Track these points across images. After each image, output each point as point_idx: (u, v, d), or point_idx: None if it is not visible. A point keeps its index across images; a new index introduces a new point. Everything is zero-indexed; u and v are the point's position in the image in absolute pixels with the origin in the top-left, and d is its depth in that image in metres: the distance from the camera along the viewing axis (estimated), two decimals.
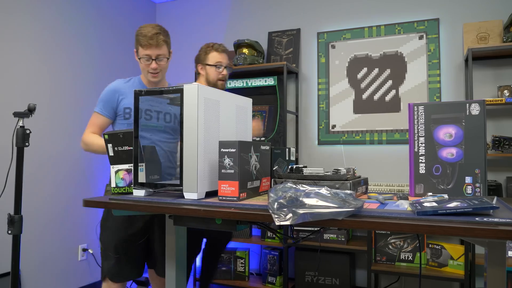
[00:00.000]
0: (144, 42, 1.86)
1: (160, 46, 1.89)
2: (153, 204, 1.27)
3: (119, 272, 1.89)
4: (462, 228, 0.88)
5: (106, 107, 1.93)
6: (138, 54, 1.92)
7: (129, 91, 1.95)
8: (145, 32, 1.87)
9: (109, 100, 1.93)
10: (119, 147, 1.50)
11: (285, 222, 0.98)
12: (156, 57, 1.89)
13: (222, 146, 1.26)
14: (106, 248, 1.89)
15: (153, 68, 1.90)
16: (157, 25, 1.94)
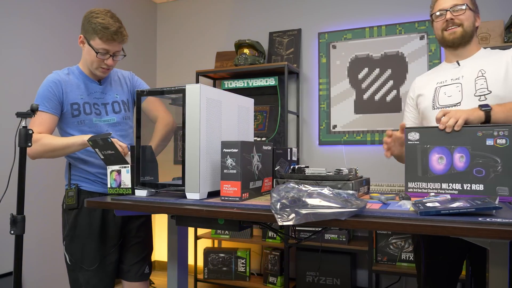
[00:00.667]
0: (107, 36, 1.62)
1: (123, 43, 1.70)
2: (155, 204, 1.27)
3: (100, 283, 1.72)
4: (465, 228, 0.88)
5: (50, 103, 1.66)
6: (91, 45, 1.65)
7: (71, 84, 1.71)
8: (106, 24, 1.63)
9: (52, 94, 1.67)
10: (104, 151, 1.50)
11: (288, 222, 0.99)
12: (114, 53, 1.69)
13: (224, 146, 1.26)
14: (78, 260, 1.70)
15: (109, 65, 1.69)
16: (113, 14, 1.72)
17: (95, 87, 1.76)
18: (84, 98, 1.72)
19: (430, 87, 1.65)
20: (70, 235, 1.72)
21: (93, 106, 1.73)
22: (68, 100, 1.70)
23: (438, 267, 1.57)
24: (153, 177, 1.50)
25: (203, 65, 3.75)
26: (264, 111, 3.43)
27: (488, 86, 1.50)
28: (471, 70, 1.56)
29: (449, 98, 1.57)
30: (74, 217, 1.72)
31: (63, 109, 1.70)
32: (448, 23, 1.57)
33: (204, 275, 3.30)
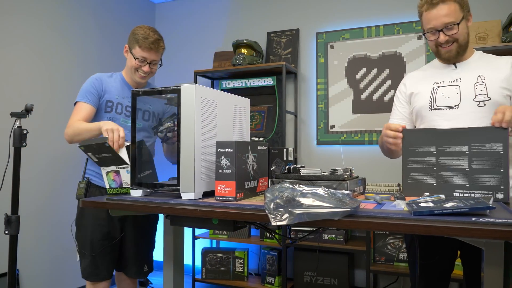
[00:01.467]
0: (146, 44, 1.85)
1: (158, 52, 1.91)
2: (149, 204, 1.27)
3: (95, 271, 1.87)
4: (458, 228, 0.88)
5: (91, 96, 1.87)
6: (132, 53, 1.89)
7: (111, 85, 1.93)
8: (146, 35, 1.86)
9: (94, 89, 1.88)
10: (98, 154, 1.50)
11: (281, 222, 0.98)
12: (151, 61, 1.90)
13: (219, 146, 1.26)
14: (81, 247, 1.88)
15: (145, 71, 1.90)
16: (154, 29, 1.94)
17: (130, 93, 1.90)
18: (119, 99, 1.93)
19: (426, 86, 1.63)
20: (78, 224, 1.90)
21: (125, 108, 1.94)
22: (105, 97, 1.90)
23: (431, 268, 1.57)
24: (151, 170, 1.50)
25: (201, 65, 3.74)
26: (262, 111, 3.43)
27: (487, 92, 1.50)
28: (469, 74, 1.56)
29: (447, 99, 1.56)
30: (81, 208, 1.87)
31: (100, 104, 1.90)
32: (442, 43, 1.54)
33: (202, 275, 3.30)
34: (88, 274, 1.87)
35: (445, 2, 1.49)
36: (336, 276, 2.89)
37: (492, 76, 1.52)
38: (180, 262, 1.63)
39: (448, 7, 1.49)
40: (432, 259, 1.55)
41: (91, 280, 1.88)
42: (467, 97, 1.52)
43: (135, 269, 1.98)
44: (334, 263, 2.90)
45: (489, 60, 1.59)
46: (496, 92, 1.50)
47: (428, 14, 1.53)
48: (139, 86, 1.99)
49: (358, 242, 2.96)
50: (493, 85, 1.50)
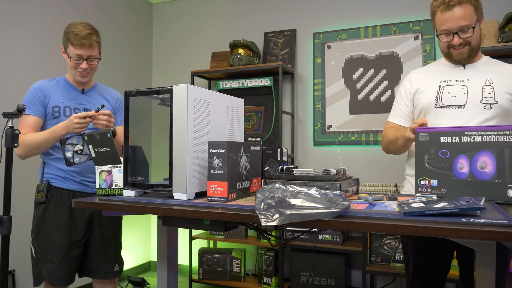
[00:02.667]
0: (76, 41, 1.81)
1: (92, 47, 1.85)
2: (141, 204, 1.26)
3: (62, 275, 1.82)
4: (447, 229, 0.88)
5: (35, 107, 1.86)
6: (67, 53, 1.86)
7: (55, 90, 1.91)
8: (76, 31, 1.81)
9: (37, 98, 1.86)
10: (98, 149, 1.49)
11: (271, 223, 0.98)
12: (88, 58, 1.86)
13: (211, 147, 1.25)
14: (44, 252, 1.82)
15: (83, 68, 1.86)
16: (88, 24, 1.89)
17: (77, 94, 1.97)
18: (65, 102, 1.91)
19: (433, 84, 1.62)
20: (37, 228, 1.86)
21: (73, 110, 1.92)
22: (50, 104, 1.88)
23: (426, 268, 1.57)
24: (144, 177, 1.50)
25: (198, 66, 3.74)
26: (259, 111, 3.43)
27: (495, 96, 1.51)
28: (478, 76, 1.56)
29: (453, 98, 1.55)
30: (42, 211, 1.86)
31: (46, 112, 1.88)
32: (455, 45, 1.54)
33: (199, 275, 3.30)
34: (56, 279, 1.82)
35: (461, 5, 1.48)
36: (333, 276, 2.88)
37: (500, 81, 1.53)
38: (174, 262, 1.63)
39: (464, 9, 1.48)
40: (428, 259, 1.55)
41: (58, 285, 1.83)
42: (474, 98, 1.52)
43: (105, 269, 1.94)
44: (331, 263, 2.89)
45: (497, 66, 1.60)
46: (503, 97, 1.51)
47: (443, 15, 1.51)
48: (84, 85, 1.97)
49: (354, 242, 2.96)
50: (500, 90, 1.51)
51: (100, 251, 1.93)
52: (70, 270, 1.86)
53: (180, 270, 3.77)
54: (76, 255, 1.87)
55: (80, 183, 1.92)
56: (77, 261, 1.89)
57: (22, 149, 1.79)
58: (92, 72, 1.93)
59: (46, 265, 1.82)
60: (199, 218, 1.20)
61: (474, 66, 1.59)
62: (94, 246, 1.92)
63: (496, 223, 0.89)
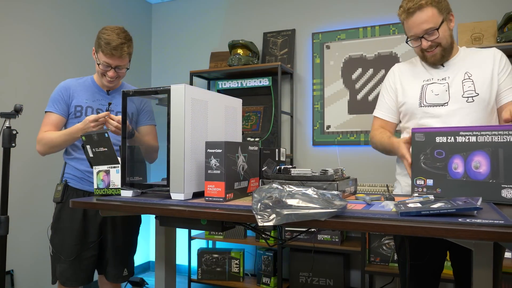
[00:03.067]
0: (107, 50, 1.78)
1: (123, 58, 1.83)
2: (138, 205, 1.26)
3: (73, 276, 1.82)
4: (444, 229, 0.88)
5: (59, 105, 1.86)
6: (97, 57, 1.85)
7: (80, 89, 1.91)
8: (109, 40, 1.77)
9: (61, 97, 1.87)
10: (96, 149, 1.49)
11: (268, 223, 0.98)
12: (116, 66, 1.83)
13: (208, 147, 1.25)
14: (58, 251, 1.83)
15: (111, 76, 1.85)
16: (122, 30, 1.85)
17: (101, 95, 1.95)
18: (88, 102, 1.90)
19: (416, 83, 1.63)
20: (54, 227, 1.87)
21: (95, 110, 1.90)
22: (73, 103, 1.89)
23: (421, 269, 1.57)
24: (142, 177, 1.50)
25: (198, 66, 3.74)
26: (258, 111, 3.43)
27: (475, 88, 1.53)
28: (457, 71, 1.57)
29: (436, 96, 1.57)
30: (58, 211, 1.87)
31: (69, 111, 1.89)
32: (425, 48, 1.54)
33: (198, 275, 3.29)
34: (66, 280, 1.82)
35: (422, 9, 1.49)
36: (332, 276, 2.88)
37: (478, 72, 1.54)
38: (172, 262, 1.62)
39: (425, 13, 1.49)
40: (422, 259, 1.55)
41: (69, 285, 1.83)
42: (456, 94, 1.54)
43: (114, 272, 1.92)
44: (330, 263, 2.89)
45: (474, 55, 1.60)
46: (483, 87, 1.52)
47: (407, 23, 1.54)
48: (110, 88, 1.95)
49: (353, 242, 2.95)
50: (479, 81, 1.53)
51: (111, 254, 1.91)
52: (82, 271, 1.84)
53: (179, 270, 3.77)
54: (88, 257, 1.86)
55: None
56: (90, 262, 1.87)
57: (42, 147, 1.82)
58: (119, 79, 1.91)
59: (60, 265, 1.83)
60: (196, 218, 1.20)
61: (452, 62, 1.60)
62: (106, 248, 1.91)
63: (493, 223, 0.88)
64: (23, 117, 2.72)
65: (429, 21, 1.49)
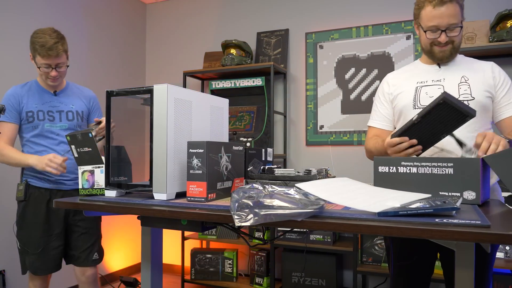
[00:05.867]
0: (43, 53, 1.87)
1: (59, 56, 1.92)
2: (121, 205, 1.26)
3: (42, 265, 2.02)
4: (419, 229, 0.87)
5: (10, 114, 1.98)
6: (36, 62, 1.94)
7: (28, 95, 2.02)
8: (42, 42, 1.87)
9: (11, 106, 1.98)
10: (80, 149, 1.49)
11: (245, 223, 0.97)
12: (56, 65, 1.94)
13: (190, 147, 1.25)
14: (24, 245, 2.01)
15: (53, 76, 1.96)
16: (53, 30, 1.93)
17: (49, 97, 2.07)
18: (38, 107, 2.02)
19: (410, 86, 1.62)
20: (19, 224, 2.04)
21: (46, 113, 2.03)
22: (24, 109, 2.01)
23: (409, 270, 1.56)
24: (127, 178, 1.49)
25: (192, 66, 3.74)
26: (251, 111, 3.42)
27: (471, 92, 1.52)
28: (453, 74, 1.56)
29: (431, 98, 1.55)
30: (22, 208, 2.03)
31: (21, 117, 2.01)
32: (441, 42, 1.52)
33: (191, 275, 3.29)
34: (36, 269, 2.01)
35: (452, 2, 1.47)
36: (324, 277, 2.88)
37: (475, 77, 1.54)
38: (158, 262, 1.62)
39: (454, 8, 1.47)
40: (410, 261, 1.55)
41: (40, 274, 2.02)
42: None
43: (84, 256, 2.10)
44: (322, 264, 2.89)
45: (471, 63, 1.60)
46: (479, 93, 1.51)
47: (434, 11, 1.48)
48: (56, 88, 2.07)
49: (345, 242, 2.95)
50: (476, 86, 1.52)
51: (79, 241, 2.10)
52: (50, 261, 2.04)
53: (172, 270, 3.77)
54: (55, 247, 2.05)
55: (55, 182, 2.05)
56: (57, 251, 2.06)
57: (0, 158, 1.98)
58: (62, 77, 2.02)
59: (28, 257, 2.02)
60: (176, 219, 1.20)
61: (449, 65, 1.60)
62: (73, 236, 2.10)
63: (469, 223, 0.88)
64: None
65: (456, 16, 1.48)
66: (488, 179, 1.30)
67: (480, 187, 1.17)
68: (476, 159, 1.18)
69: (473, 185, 1.18)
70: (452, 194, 1.20)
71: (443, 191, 1.21)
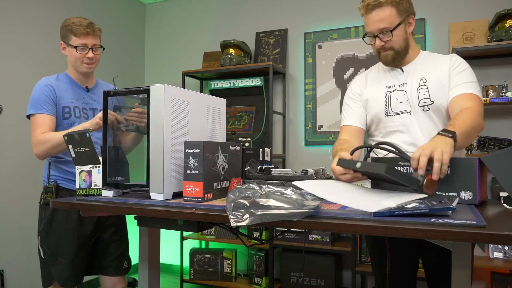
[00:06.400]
0: (81, 30, 1.81)
1: (96, 35, 1.88)
2: (117, 205, 1.26)
3: (71, 276, 1.82)
4: (415, 229, 0.87)
5: (48, 106, 1.80)
6: (70, 44, 1.83)
7: (62, 89, 1.86)
8: (78, 22, 1.83)
9: (48, 97, 1.81)
10: (77, 149, 1.49)
11: (241, 223, 0.97)
12: (93, 47, 1.86)
13: (187, 147, 1.25)
14: (53, 253, 1.82)
15: (90, 58, 1.85)
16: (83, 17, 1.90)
17: (83, 93, 1.93)
18: (74, 102, 1.88)
19: (380, 91, 1.58)
20: (46, 229, 1.83)
21: (82, 110, 1.90)
22: (60, 103, 1.84)
23: (399, 272, 1.57)
24: (124, 178, 1.49)
25: (191, 66, 3.74)
26: (250, 111, 3.42)
27: (430, 96, 1.48)
28: (413, 78, 1.52)
29: (400, 104, 1.53)
30: (51, 212, 1.82)
31: (57, 112, 1.84)
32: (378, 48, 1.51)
33: (190, 275, 3.29)
34: (66, 280, 1.82)
35: (381, 7, 1.43)
36: (323, 277, 2.88)
37: (433, 76, 1.49)
38: (156, 263, 1.62)
39: (383, 12, 1.43)
40: (398, 264, 1.55)
41: (68, 286, 1.82)
42: (414, 102, 1.50)
43: (115, 265, 1.94)
44: (321, 264, 2.89)
45: (432, 61, 1.54)
46: (438, 94, 1.47)
47: (365, 19, 1.49)
48: (87, 82, 1.94)
49: (344, 243, 2.95)
50: (434, 87, 1.47)
51: (109, 249, 1.94)
52: (78, 271, 1.86)
53: (171, 270, 3.77)
54: (85, 256, 1.88)
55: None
56: (86, 261, 1.89)
57: (42, 148, 1.75)
58: (96, 63, 1.91)
59: (56, 266, 1.82)
60: (173, 218, 1.20)
61: (410, 67, 1.55)
62: (103, 244, 1.93)
63: (465, 223, 0.88)
64: (2, 117, 2.70)
65: (385, 20, 1.44)
66: (485, 179, 1.29)
67: (477, 187, 1.17)
68: (473, 159, 1.18)
69: (470, 185, 1.18)
70: (449, 194, 1.20)
71: (440, 191, 1.21)
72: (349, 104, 1.68)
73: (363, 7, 1.48)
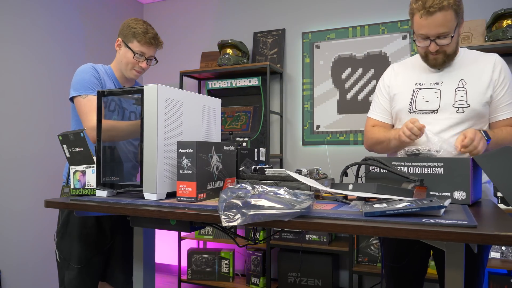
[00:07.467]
0: (146, 39, 1.74)
1: (157, 49, 1.82)
2: (111, 205, 1.26)
3: (81, 284, 1.68)
4: (406, 229, 0.87)
5: (97, 87, 1.70)
6: (130, 47, 1.75)
7: (105, 79, 1.79)
8: (145, 29, 1.75)
9: (98, 80, 1.72)
10: (72, 148, 1.48)
11: (232, 223, 0.97)
12: (149, 57, 1.80)
13: (180, 147, 1.25)
14: (66, 257, 1.69)
15: (143, 68, 1.79)
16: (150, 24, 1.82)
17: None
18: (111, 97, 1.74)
19: (408, 87, 1.58)
20: (61, 232, 1.71)
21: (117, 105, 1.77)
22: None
23: (401, 271, 1.56)
24: (118, 178, 1.49)
25: (189, 66, 3.74)
26: (248, 111, 3.42)
27: (467, 99, 1.46)
28: (452, 77, 1.51)
29: (426, 103, 1.51)
30: (67, 214, 1.70)
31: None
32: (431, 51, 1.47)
33: (188, 275, 3.29)
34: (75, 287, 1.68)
35: (442, 11, 1.38)
36: (320, 277, 2.88)
37: (474, 81, 1.47)
38: (151, 263, 1.62)
39: (445, 16, 1.38)
40: (402, 262, 1.54)
41: None
42: (447, 102, 1.48)
43: (124, 278, 1.79)
44: (318, 264, 2.88)
45: (473, 61, 1.52)
46: (476, 99, 1.46)
47: (422, 21, 1.41)
48: (129, 83, 1.88)
49: (341, 243, 2.95)
50: (473, 91, 1.46)
51: (122, 260, 1.80)
52: (90, 279, 1.70)
53: (169, 270, 3.76)
54: (98, 263, 1.72)
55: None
56: (98, 269, 1.73)
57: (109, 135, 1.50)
58: (144, 71, 1.85)
59: (69, 272, 1.68)
60: (165, 218, 1.19)
61: (449, 66, 1.55)
62: (116, 254, 1.79)
63: (456, 223, 0.88)
64: (2, 116, 2.70)
65: (446, 25, 1.39)
66: (479, 179, 1.29)
67: (470, 187, 1.17)
68: (466, 158, 1.18)
69: (463, 185, 1.18)
70: (442, 194, 1.19)
71: (433, 191, 1.21)
72: (378, 95, 1.70)
73: (422, 8, 1.39)
